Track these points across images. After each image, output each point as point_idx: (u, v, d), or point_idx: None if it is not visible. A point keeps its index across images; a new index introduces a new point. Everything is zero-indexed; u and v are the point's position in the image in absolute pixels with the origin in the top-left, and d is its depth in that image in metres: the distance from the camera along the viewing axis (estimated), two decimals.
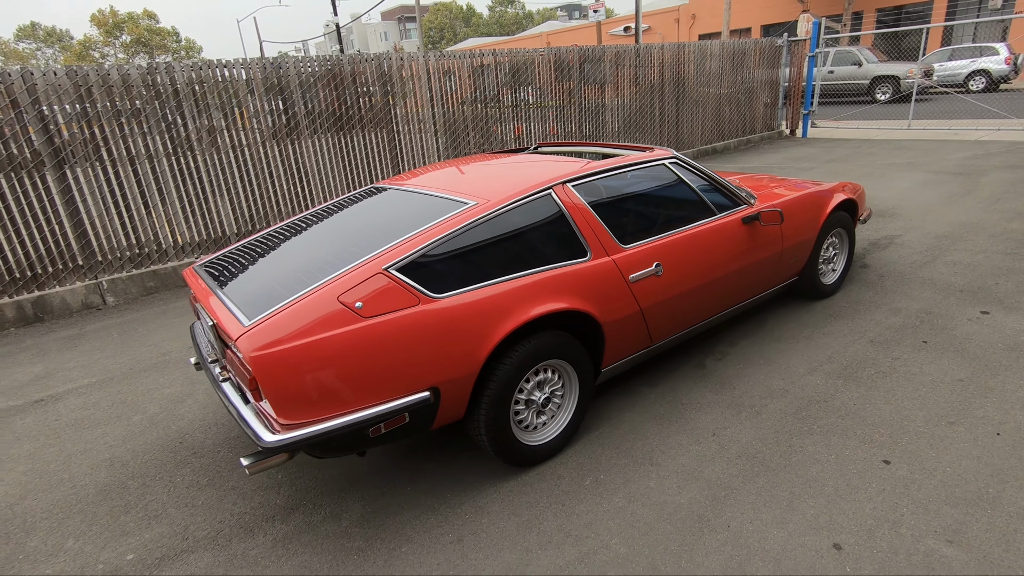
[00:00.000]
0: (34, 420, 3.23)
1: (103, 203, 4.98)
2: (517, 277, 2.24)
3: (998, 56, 17.10)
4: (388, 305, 1.99)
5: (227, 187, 5.57)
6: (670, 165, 2.92)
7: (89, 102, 4.78)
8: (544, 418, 2.47)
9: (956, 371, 2.89)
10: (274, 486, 2.50)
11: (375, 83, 6.27)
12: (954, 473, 2.22)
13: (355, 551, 2.11)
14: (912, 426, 2.51)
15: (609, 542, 2.04)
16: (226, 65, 5.37)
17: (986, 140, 9.29)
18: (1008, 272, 4.03)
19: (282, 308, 1.91)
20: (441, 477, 2.46)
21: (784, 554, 1.92)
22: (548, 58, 7.67)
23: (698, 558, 1.94)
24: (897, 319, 3.49)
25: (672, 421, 2.70)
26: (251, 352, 1.80)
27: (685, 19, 30.09)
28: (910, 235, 5.03)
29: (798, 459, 2.37)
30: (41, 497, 2.56)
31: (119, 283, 5.13)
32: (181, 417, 3.13)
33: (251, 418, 1.94)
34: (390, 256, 2.08)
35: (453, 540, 2.12)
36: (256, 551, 2.15)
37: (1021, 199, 5.80)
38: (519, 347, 2.24)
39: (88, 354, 4.07)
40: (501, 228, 2.30)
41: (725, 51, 10.07)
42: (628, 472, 2.39)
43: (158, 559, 2.15)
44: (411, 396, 2.01)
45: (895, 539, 1.94)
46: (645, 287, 2.59)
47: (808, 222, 3.42)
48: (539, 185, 2.45)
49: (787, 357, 3.17)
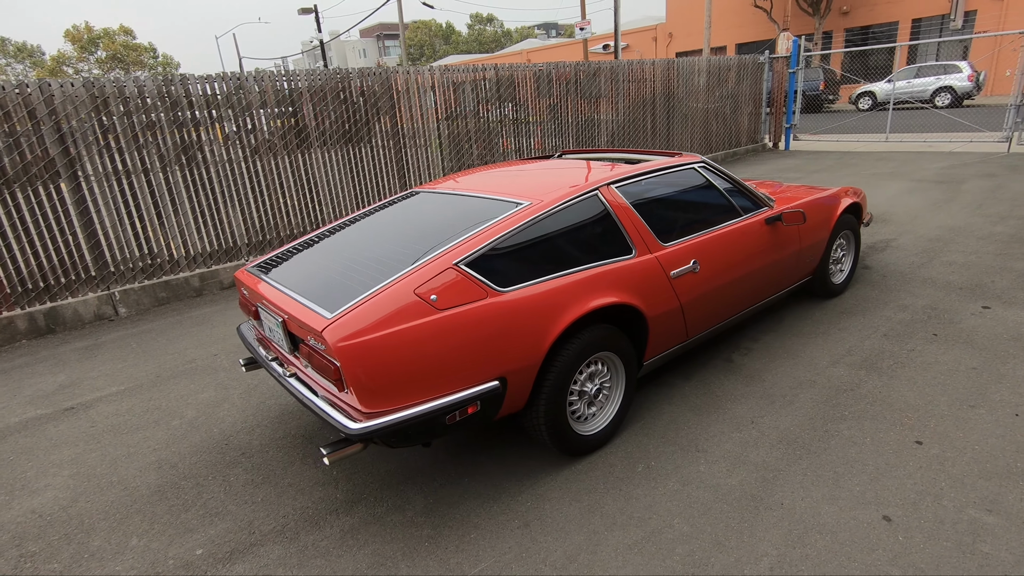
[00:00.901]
0: (68, 427, 3.22)
1: (116, 214, 4.97)
2: (572, 272, 2.36)
3: (961, 74, 17.98)
4: (460, 298, 2.09)
5: (239, 198, 5.60)
6: (699, 169, 3.08)
7: (105, 113, 4.80)
8: (594, 409, 2.57)
9: (968, 360, 3.08)
10: (331, 482, 2.55)
11: (382, 96, 6.38)
12: (982, 451, 2.37)
13: (425, 539, 2.17)
14: (937, 410, 2.67)
15: (671, 522, 2.14)
16: (238, 78, 5.43)
17: (959, 151, 9.75)
18: (1001, 271, 4.28)
19: (362, 301, 1.99)
20: (496, 469, 2.53)
21: (839, 527, 2.05)
22: (547, 72, 7.88)
23: (759, 533, 2.05)
24: (905, 315, 3.69)
25: (710, 411, 2.83)
26: (337, 342, 1.87)
27: (663, 37, 30.91)
28: (904, 239, 5.29)
29: (836, 442, 2.51)
30: (94, 499, 2.57)
31: (131, 294, 5.11)
32: (221, 420, 3.15)
33: (329, 409, 2.01)
34: (459, 252, 2.18)
35: (520, 525, 2.20)
36: (326, 542, 2.20)
37: (1001, 204, 6.13)
38: (575, 339, 2.35)
39: (110, 363, 4.05)
40: (555, 226, 2.42)
41: (711, 67, 10.43)
42: (677, 458, 2.50)
43: (228, 553, 2.18)
44: (482, 385, 2.10)
45: (939, 510, 2.08)
46: (684, 283, 2.72)
47: (821, 224, 3.61)
48: (586, 187, 2.58)
49: (809, 351, 3.33)
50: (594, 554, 2.03)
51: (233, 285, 5.68)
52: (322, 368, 1.99)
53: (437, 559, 2.07)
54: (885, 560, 1.90)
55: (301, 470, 2.65)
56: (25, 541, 2.34)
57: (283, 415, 3.15)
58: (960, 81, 17.89)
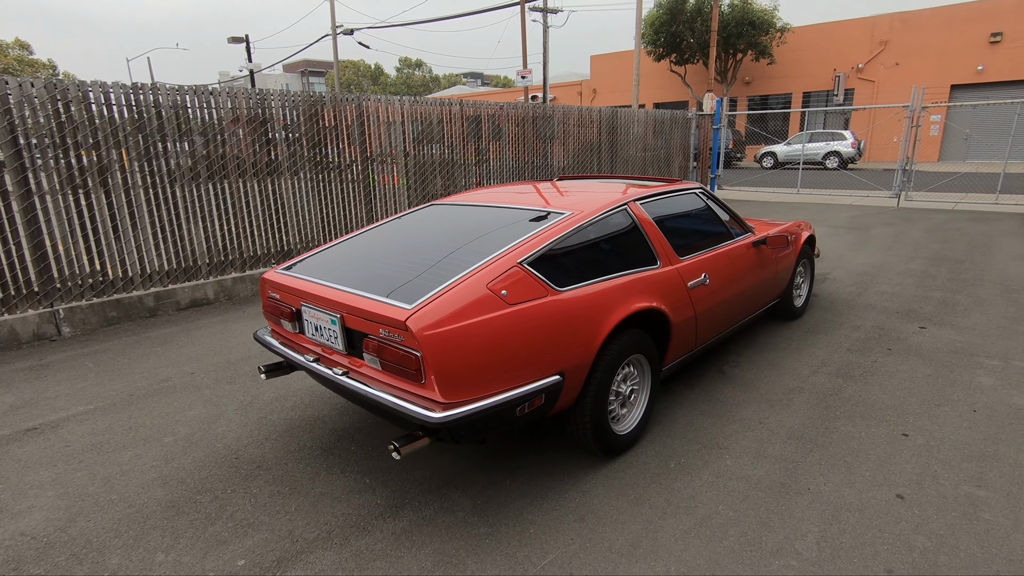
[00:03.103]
0: (37, 447, 2.89)
1: (68, 225, 4.60)
2: (615, 277, 2.52)
3: (846, 141, 20.56)
4: (526, 294, 2.18)
5: (202, 215, 5.34)
6: (699, 194, 3.39)
7: (66, 117, 4.49)
8: (625, 410, 2.70)
9: (923, 369, 3.52)
10: (367, 490, 2.47)
11: (353, 122, 6.40)
12: (958, 439, 2.73)
13: (484, 536, 2.17)
14: (911, 409, 3.04)
15: (717, 509, 2.28)
16: (211, 93, 5.28)
17: (858, 204, 11.10)
18: (924, 299, 4.93)
19: (439, 294, 2.03)
20: (536, 471, 2.57)
21: (864, 505, 2.27)
22: (508, 112, 8.23)
23: (797, 513, 2.24)
24: (859, 334, 4.15)
25: (719, 415, 3.03)
26: (422, 331, 1.90)
27: (587, 93, 32.93)
28: (837, 272, 5.95)
29: (838, 437, 2.78)
30: (95, 518, 2.33)
31: (77, 312, 4.67)
32: (222, 436, 2.96)
33: (402, 402, 2.00)
34: (521, 251, 2.28)
35: (575, 519, 2.25)
36: (380, 545, 2.13)
37: (906, 247, 7.06)
38: (617, 341, 2.49)
39: (66, 383, 3.68)
40: (596, 235, 2.59)
41: (648, 119, 11.31)
42: (703, 455, 2.66)
43: (275, 561, 2.06)
44: (546, 379, 2.18)
45: (939, 487, 2.37)
46: (698, 294, 2.96)
47: (790, 250, 4.03)
48: (618, 202, 2.79)
49: (790, 363, 3.66)
50: (655, 540, 2.12)
51: (192, 306, 5.34)
52: (399, 360, 1.99)
53: (503, 554, 2.08)
54: (910, 529, 2.14)
55: (329, 479, 2.55)
56: (23, 564, 2.08)
57: (291, 428, 3.01)
58: (845, 147, 20.44)
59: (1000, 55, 20.65)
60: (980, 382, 3.32)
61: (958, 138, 22.27)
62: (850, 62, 24.01)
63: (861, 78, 23.89)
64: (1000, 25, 20.41)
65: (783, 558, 2.01)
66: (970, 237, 7.59)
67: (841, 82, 23.97)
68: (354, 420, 3.08)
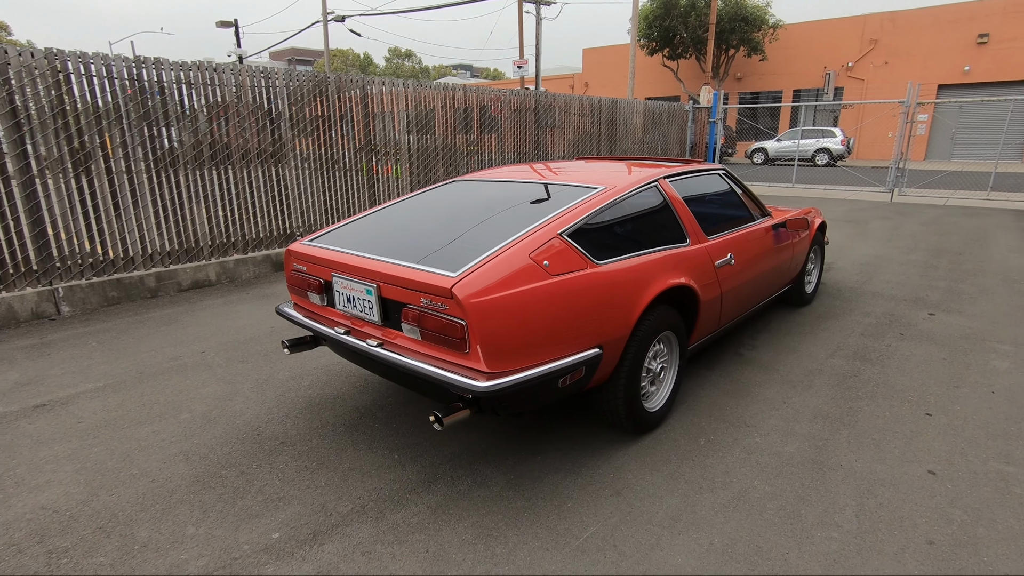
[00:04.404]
0: (48, 423, 2.81)
1: (68, 202, 4.47)
2: (650, 253, 2.49)
3: (836, 138, 20.76)
4: (566, 266, 2.15)
5: (204, 195, 5.23)
6: (723, 175, 3.38)
7: (66, 90, 4.35)
8: (655, 387, 2.69)
9: (937, 352, 3.56)
10: (397, 465, 2.43)
11: (357, 104, 6.30)
12: (980, 419, 2.76)
13: (521, 509, 2.14)
14: (930, 390, 3.06)
15: (752, 483, 2.28)
16: (216, 69, 5.16)
17: (853, 199, 11.22)
18: (929, 287, 4.99)
19: (482, 263, 1.99)
20: (567, 447, 2.55)
21: (897, 481, 2.29)
22: (510, 99, 8.16)
23: (832, 488, 2.24)
24: (871, 320, 4.19)
25: (743, 395, 3.04)
26: (468, 299, 1.86)
27: (579, 86, 32.89)
28: (841, 262, 5.99)
29: (863, 416, 2.80)
30: (118, 492, 2.26)
31: (77, 291, 4.55)
32: (240, 413, 2.90)
33: (444, 372, 1.96)
34: (561, 223, 2.24)
35: (611, 494, 2.23)
36: (417, 518, 2.10)
37: (905, 240, 7.14)
38: (650, 316, 2.47)
39: (71, 361, 3.58)
40: (630, 210, 2.56)
41: (647, 110, 11.31)
42: (732, 433, 2.66)
43: (310, 534, 2.02)
44: (587, 351, 2.15)
45: (969, 464, 2.39)
46: (724, 273, 2.95)
47: (806, 235, 4.04)
48: (649, 178, 2.76)
49: (806, 346, 3.68)
50: (694, 513, 2.11)
51: (194, 287, 5.23)
52: (442, 329, 1.95)
53: (543, 526, 2.05)
54: (945, 503, 2.15)
55: (356, 455, 2.51)
56: (48, 537, 2.01)
57: (311, 406, 2.96)
58: (835, 144, 20.64)
59: (987, 56, 20.97)
60: (995, 365, 3.36)
61: (944, 137, 22.62)
62: (840, 60, 24.24)
63: (851, 76, 24.13)
64: (987, 26, 20.71)
65: (825, 530, 2.01)
66: (966, 231, 7.70)
67: (831, 80, 24.20)
68: (375, 398, 3.03)
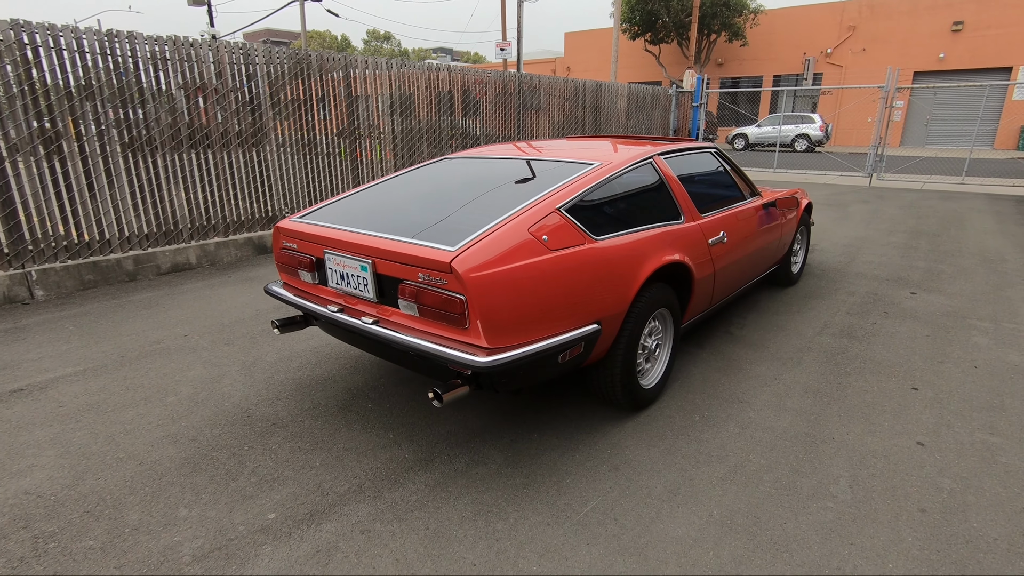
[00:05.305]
0: (26, 408, 2.72)
1: (40, 181, 4.30)
2: (646, 229, 2.48)
3: (815, 124, 20.97)
4: (565, 241, 2.12)
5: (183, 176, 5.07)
6: (715, 154, 3.38)
7: (34, 63, 4.17)
8: (649, 364, 2.69)
9: (920, 330, 3.63)
10: (392, 445, 2.40)
11: (339, 84, 6.16)
12: (965, 392, 2.82)
13: (521, 486, 2.14)
14: (916, 365, 3.13)
15: (748, 457, 2.30)
16: (192, 44, 4.98)
17: (832, 184, 11.37)
18: (910, 268, 5.08)
19: (480, 237, 1.95)
20: (563, 425, 2.55)
21: (887, 452, 2.33)
22: (494, 80, 8.06)
23: (826, 460, 2.28)
24: (855, 299, 4.25)
25: (734, 372, 3.06)
26: (468, 273, 1.83)
27: (561, 70, 32.66)
28: (823, 244, 6.07)
29: (851, 391, 2.84)
30: (105, 476, 2.20)
31: (51, 274, 4.40)
32: (228, 395, 2.84)
33: (442, 348, 1.93)
34: (558, 198, 2.21)
35: (609, 469, 2.23)
36: (415, 497, 2.08)
37: (884, 222, 7.26)
38: (648, 292, 2.46)
39: (48, 345, 3.47)
40: (626, 187, 2.54)
41: (631, 93, 11.27)
42: (726, 408, 2.68)
43: (307, 514, 1.98)
44: (586, 327, 2.14)
45: (955, 435, 2.45)
46: (717, 251, 2.96)
47: (794, 216, 4.07)
48: (644, 154, 2.74)
49: (794, 325, 3.72)
50: (692, 486, 2.12)
51: (174, 270, 5.09)
52: (440, 304, 1.91)
53: (543, 502, 2.05)
54: (935, 473, 2.20)
55: (350, 436, 2.47)
56: (33, 522, 1.95)
57: (301, 387, 2.91)
58: (814, 130, 20.85)
59: (961, 43, 21.32)
60: (976, 341, 3.44)
61: (919, 124, 23.02)
62: (819, 46, 24.43)
63: (830, 63, 24.36)
64: (962, 14, 21.03)
65: (820, 500, 2.04)
66: (942, 214, 7.86)
67: (811, 66, 24.38)
68: (367, 379, 2.99)
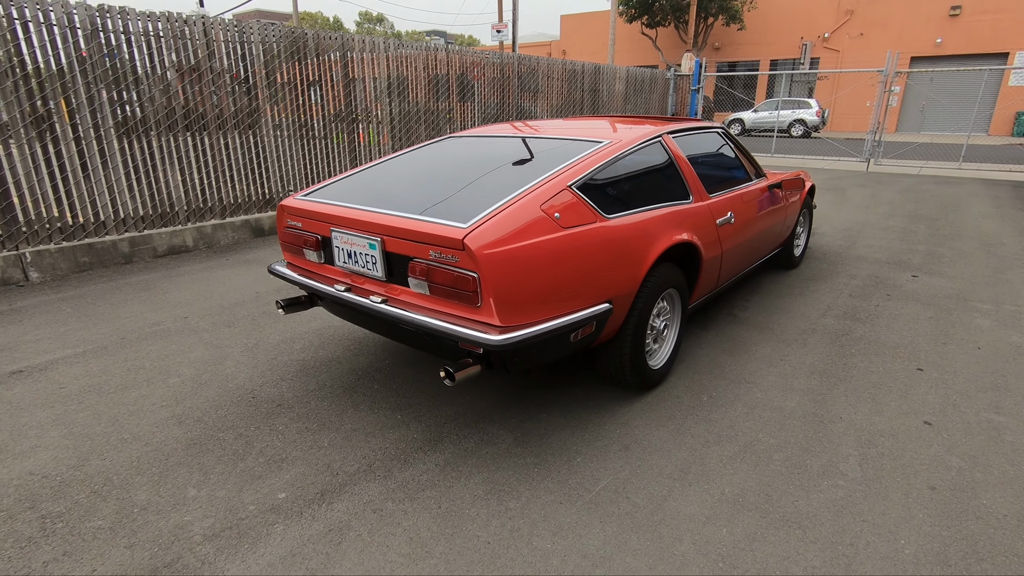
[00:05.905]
0: (27, 390, 2.68)
1: (32, 161, 4.21)
2: (656, 208, 2.46)
3: (811, 109, 20.91)
4: (577, 219, 2.09)
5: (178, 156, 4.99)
6: (721, 134, 3.35)
7: (25, 39, 4.06)
8: (657, 345, 2.68)
9: (923, 312, 3.64)
10: (400, 425, 2.39)
11: (336, 63, 6.06)
12: (969, 373, 2.83)
13: (532, 465, 2.13)
14: (920, 346, 3.14)
15: (757, 436, 2.31)
16: (186, 21, 4.87)
17: (830, 168, 11.35)
18: (910, 252, 5.09)
19: (493, 214, 1.92)
20: (571, 405, 2.54)
21: (895, 431, 2.34)
22: (492, 62, 7.95)
23: (835, 439, 2.28)
24: (857, 282, 4.25)
25: (740, 353, 3.06)
26: (481, 250, 1.80)
27: (556, 53, 32.33)
28: (824, 228, 6.07)
29: (857, 372, 2.85)
30: (110, 456, 2.17)
31: (46, 256, 4.33)
32: (232, 376, 2.81)
33: (454, 327, 1.90)
34: (570, 175, 2.18)
35: (620, 448, 2.23)
36: (426, 476, 2.07)
37: (883, 207, 7.26)
38: (657, 272, 2.44)
39: (46, 327, 3.42)
40: (636, 165, 2.51)
41: (630, 76, 11.17)
42: (733, 389, 2.68)
43: (318, 493, 1.97)
44: (598, 306, 2.12)
45: (962, 415, 2.46)
46: (724, 232, 2.94)
47: (798, 198, 4.06)
48: (653, 133, 2.70)
49: (797, 307, 3.72)
50: (703, 465, 2.13)
51: (170, 253, 5.03)
52: (452, 282, 1.89)
53: (554, 481, 2.04)
54: (943, 451, 2.21)
55: (357, 416, 2.46)
56: (40, 502, 1.93)
57: (305, 369, 2.88)
58: (810, 115, 20.79)
59: (958, 28, 21.21)
60: (978, 323, 3.45)
61: (915, 110, 22.98)
62: (817, 31, 24.26)
63: (827, 47, 24.21)
64: None
65: (831, 478, 2.05)
66: (940, 198, 7.87)
67: (808, 51, 24.24)
68: (372, 360, 2.97)
